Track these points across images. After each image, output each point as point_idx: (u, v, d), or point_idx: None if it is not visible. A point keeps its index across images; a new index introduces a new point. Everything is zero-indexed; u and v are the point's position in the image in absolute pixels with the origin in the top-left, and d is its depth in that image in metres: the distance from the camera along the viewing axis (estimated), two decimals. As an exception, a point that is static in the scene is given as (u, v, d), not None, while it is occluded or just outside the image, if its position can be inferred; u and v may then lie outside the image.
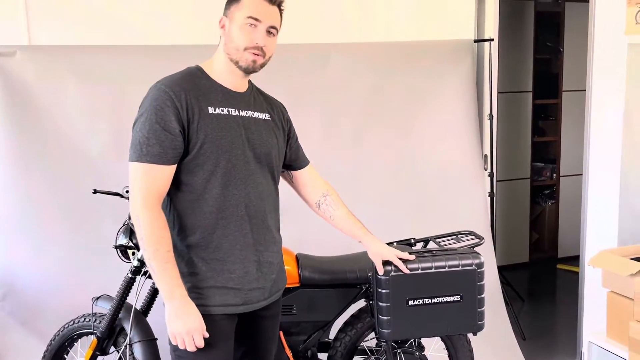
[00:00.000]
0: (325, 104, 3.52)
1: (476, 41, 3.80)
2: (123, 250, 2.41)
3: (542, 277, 5.00)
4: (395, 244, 2.67)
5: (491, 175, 3.91)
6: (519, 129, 5.09)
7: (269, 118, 1.87)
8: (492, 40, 3.80)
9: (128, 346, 2.35)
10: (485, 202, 3.80)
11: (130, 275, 2.43)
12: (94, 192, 2.46)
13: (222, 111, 1.74)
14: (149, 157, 1.65)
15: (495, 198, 4.00)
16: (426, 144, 3.69)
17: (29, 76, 3.04)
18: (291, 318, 2.46)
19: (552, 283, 4.92)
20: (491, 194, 3.92)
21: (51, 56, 3.10)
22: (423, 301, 2.04)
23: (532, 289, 4.75)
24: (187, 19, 3.30)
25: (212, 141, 1.71)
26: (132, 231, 2.37)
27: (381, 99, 3.61)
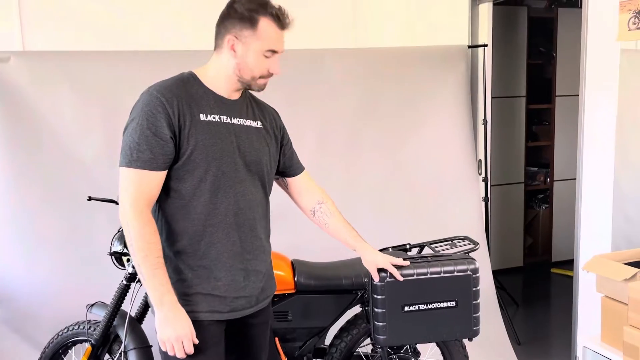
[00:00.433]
0: (319, 110, 3.52)
1: (470, 47, 3.82)
2: (118, 257, 2.40)
3: (537, 282, 5.02)
4: (390, 250, 2.68)
5: (485, 180, 3.92)
6: (513, 134, 5.11)
7: (261, 126, 1.86)
8: (486, 45, 3.83)
9: (123, 353, 2.34)
10: (479, 207, 3.82)
11: (124, 282, 2.42)
12: (89, 200, 2.45)
13: (214, 118, 1.73)
14: (139, 163, 1.64)
15: (489, 203, 4.02)
16: (421, 149, 3.70)
17: (23, 81, 3.04)
18: (287, 324, 2.45)
19: (547, 287, 4.93)
20: (485, 199, 3.94)
21: (45, 62, 3.09)
22: (419, 307, 2.04)
23: (527, 294, 4.76)
24: (182, 25, 3.30)
25: (203, 148, 1.70)
26: (127, 238, 2.36)
27: (376, 105, 3.62)
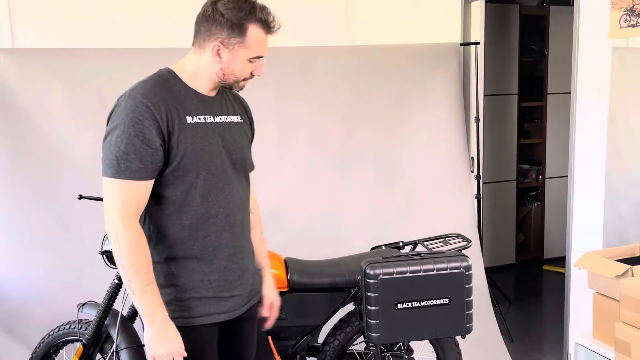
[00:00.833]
0: (312, 108, 3.51)
1: (462, 44, 3.83)
2: (109, 256, 2.38)
3: (529, 279, 5.04)
4: (383, 247, 2.68)
5: (478, 177, 3.93)
6: (505, 132, 5.12)
7: (241, 120, 1.85)
8: (478, 43, 3.83)
9: (115, 353, 2.33)
10: (472, 205, 3.82)
11: (116, 281, 2.41)
12: (80, 198, 2.43)
13: (200, 119, 1.70)
14: (128, 173, 1.58)
15: (482, 200, 4.02)
16: (413, 147, 3.70)
17: (13, 79, 3.01)
18: (280, 322, 2.42)
19: (539, 284, 4.96)
20: (478, 196, 3.94)
21: (35, 59, 3.06)
22: (412, 304, 2.04)
23: (519, 291, 4.78)
24: (172, 22, 3.27)
25: (192, 153, 1.65)
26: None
27: (368, 103, 3.61)
